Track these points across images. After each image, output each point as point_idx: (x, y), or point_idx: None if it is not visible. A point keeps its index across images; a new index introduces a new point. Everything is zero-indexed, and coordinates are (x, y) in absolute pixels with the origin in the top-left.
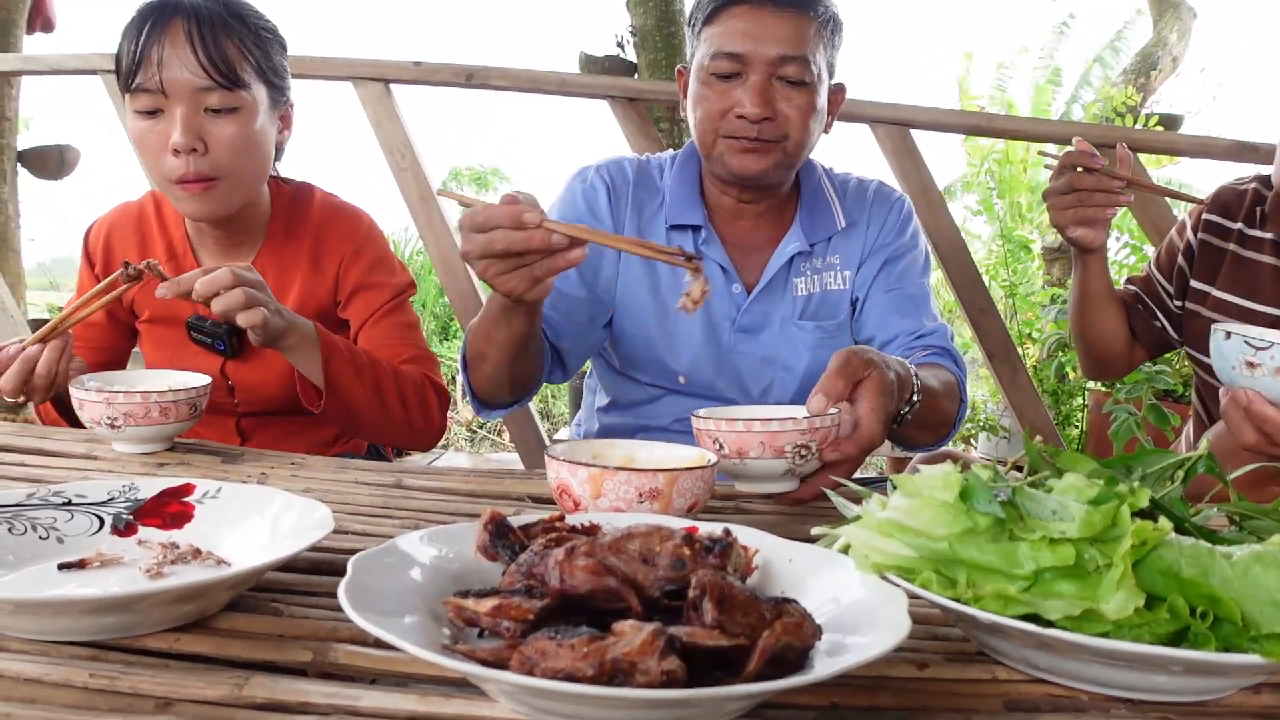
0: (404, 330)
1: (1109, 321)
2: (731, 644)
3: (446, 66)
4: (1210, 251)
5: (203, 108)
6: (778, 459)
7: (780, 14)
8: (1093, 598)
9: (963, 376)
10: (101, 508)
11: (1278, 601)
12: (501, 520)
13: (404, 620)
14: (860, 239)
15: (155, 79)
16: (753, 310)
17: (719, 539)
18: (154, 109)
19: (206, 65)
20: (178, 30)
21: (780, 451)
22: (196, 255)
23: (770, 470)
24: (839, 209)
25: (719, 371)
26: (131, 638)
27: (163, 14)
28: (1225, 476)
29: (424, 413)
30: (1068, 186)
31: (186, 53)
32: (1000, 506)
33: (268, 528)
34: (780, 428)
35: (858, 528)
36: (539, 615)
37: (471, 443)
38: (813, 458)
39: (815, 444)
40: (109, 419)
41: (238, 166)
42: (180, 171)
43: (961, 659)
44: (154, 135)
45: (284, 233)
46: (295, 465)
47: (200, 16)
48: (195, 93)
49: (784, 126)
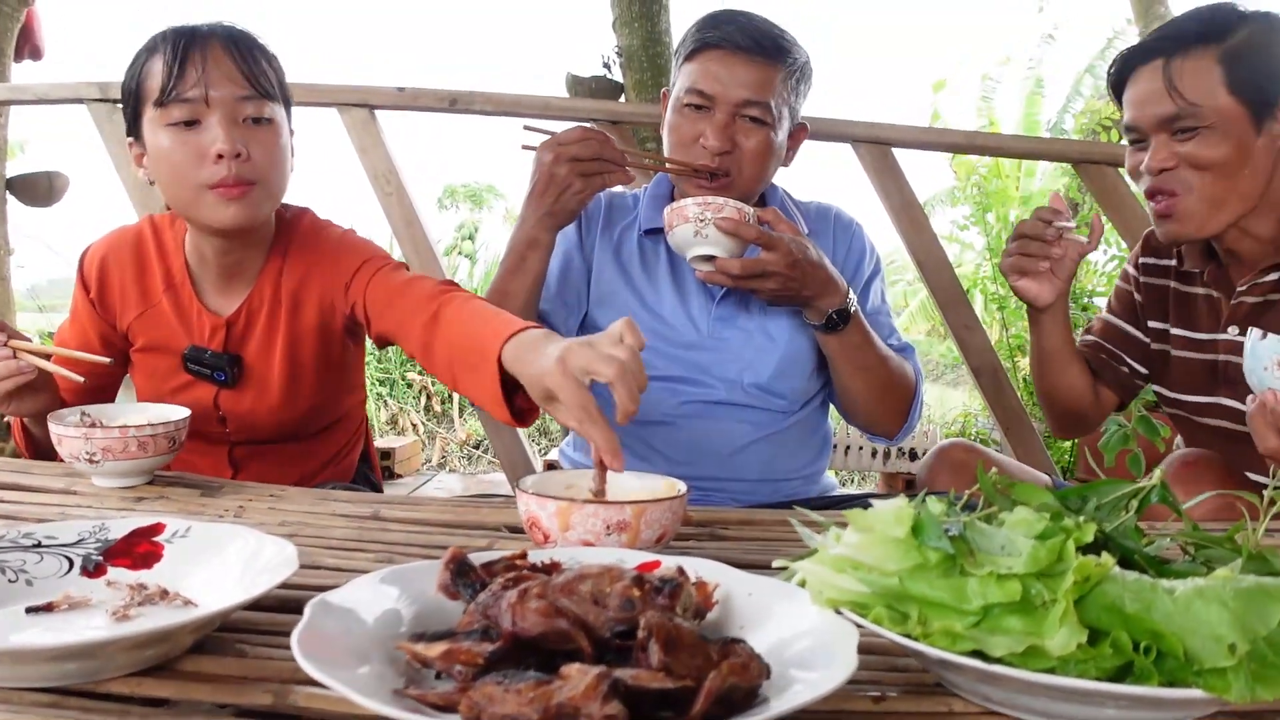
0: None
1: (1072, 379)
2: (677, 686)
3: (430, 92)
4: (1154, 291)
5: (241, 118)
6: (686, 224)
7: (749, 62)
8: (1038, 633)
9: (919, 381)
10: (71, 549)
11: (1219, 637)
12: (462, 559)
13: (357, 665)
14: (828, 252)
15: (197, 89)
16: (729, 299)
17: (669, 579)
18: (191, 119)
19: (247, 75)
20: (215, 45)
21: (686, 218)
22: (195, 283)
23: (686, 234)
24: (800, 220)
25: (700, 357)
26: (94, 683)
27: (196, 33)
28: (1179, 506)
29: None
30: (1014, 235)
31: (228, 63)
32: (950, 542)
33: (237, 567)
34: (683, 204)
35: (813, 562)
36: (489, 659)
37: (469, 461)
38: (710, 224)
39: (710, 215)
40: (87, 454)
41: (273, 175)
42: (221, 175)
43: (919, 691)
44: (190, 145)
45: (281, 257)
46: (274, 498)
47: (234, 35)
48: (236, 102)
49: (739, 159)
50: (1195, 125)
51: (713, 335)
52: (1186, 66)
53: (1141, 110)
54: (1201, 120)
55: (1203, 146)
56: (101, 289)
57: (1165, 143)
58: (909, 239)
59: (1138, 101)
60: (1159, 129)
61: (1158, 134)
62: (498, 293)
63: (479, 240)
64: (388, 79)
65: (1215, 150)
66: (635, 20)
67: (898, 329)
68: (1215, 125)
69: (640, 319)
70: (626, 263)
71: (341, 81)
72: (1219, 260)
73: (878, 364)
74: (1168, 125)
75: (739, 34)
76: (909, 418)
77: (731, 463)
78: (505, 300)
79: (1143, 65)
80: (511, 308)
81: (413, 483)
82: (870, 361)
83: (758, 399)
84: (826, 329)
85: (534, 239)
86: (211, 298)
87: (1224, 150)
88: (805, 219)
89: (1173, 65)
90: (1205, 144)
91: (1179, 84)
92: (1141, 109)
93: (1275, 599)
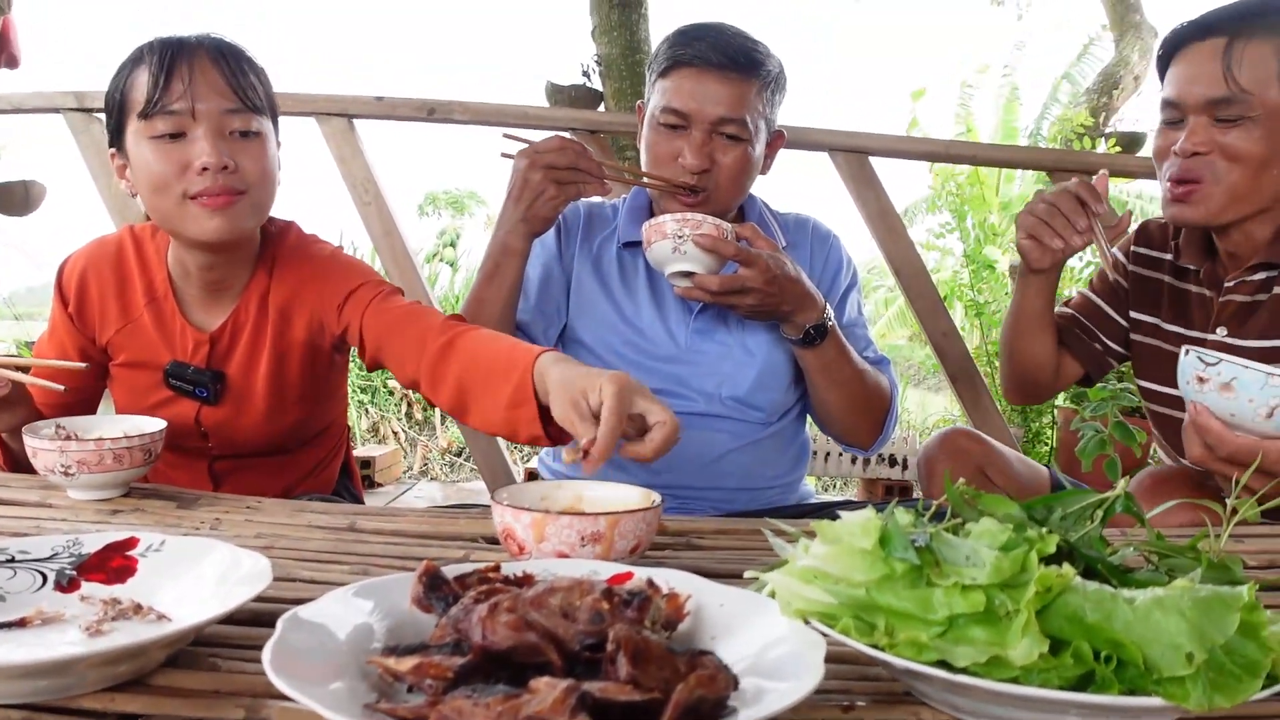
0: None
1: (1040, 346)
2: (645, 698)
3: (409, 101)
4: (1146, 283)
5: (227, 131)
6: (664, 240)
7: (723, 79)
8: (1001, 643)
9: (894, 393)
10: (45, 564)
11: (1178, 645)
12: (436, 573)
13: (329, 680)
14: (805, 264)
15: (183, 101)
16: (707, 312)
17: (638, 592)
18: (177, 132)
19: (235, 87)
20: (203, 57)
21: (664, 235)
22: (179, 296)
23: (664, 250)
24: (778, 232)
25: (678, 370)
26: (66, 699)
27: (183, 45)
28: (1143, 515)
29: None
30: (1051, 199)
31: (215, 76)
32: (916, 553)
33: (211, 580)
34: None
35: (782, 573)
36: (459, 673)
37: (451, 469)
38: (688, 240)
39: (689, 231)
40: (62, 466)
41: (261, 188)
42: (201, 186)
43: (889, 700)
44: (174, 157)
45: (268, 272)
46: (250, 510)
47: (221, 48)
48: (223, 115)
49: (717, 176)
50: (1241, 115)
51: (691, 348)
52: (1249, 51)
53: (1188, 88)
54: (1249, 110)
55: (1243, 138)
56: (80, 303)
57: (1205, 126)
58: (886, 247)
59: (1186, 78)
60: (1202, 111)
61: (1199, 115)
62: (474, 300)
63: (460, 247)
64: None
65: (1255, 144)
66: (614, 29)
67: (874, 340)
68: (1260, 119)
69: (618, 331)
70: (605, 275)
71: (320, 90)
72: (1216, 258)
73: (854, 378)
74: (1212, 109)
75: (712, 51)
76: (884, 429)
77: (710, 472)
78: (481, 307)
79: (1199, 42)
80: (488, 314)
81: (393, 491)
82: (846, 375)
83: (736, 411)
84: (803, 344)
85: (509, 246)
86: (195, 312)
87: (1263, 146)
88: (783, 230)
89: (1235, 47)
90: (1246, 136)
91: (1236, 68)
92: (1189, 86)
93: (1232, 608)
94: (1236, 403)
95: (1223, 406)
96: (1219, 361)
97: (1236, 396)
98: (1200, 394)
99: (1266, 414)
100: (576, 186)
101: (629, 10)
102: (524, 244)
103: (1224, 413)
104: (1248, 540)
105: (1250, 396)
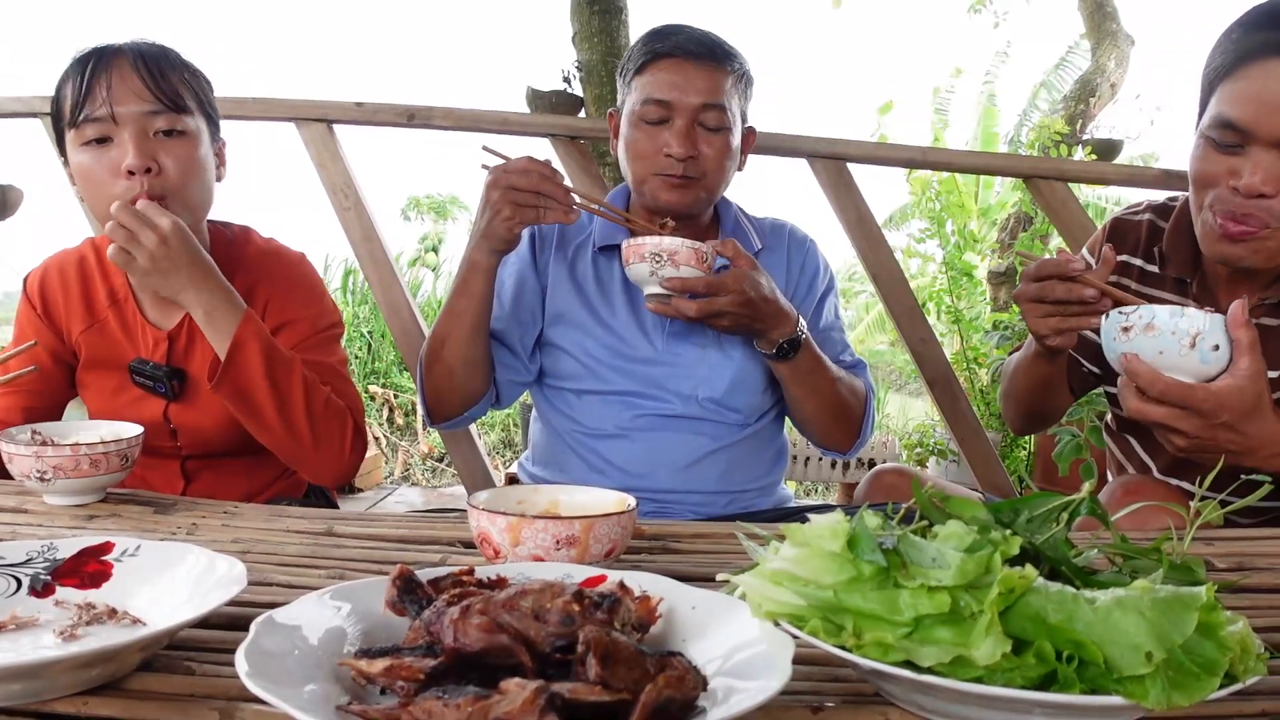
0: (328, 370)
1: (1061, 400)
2: (614, 699)
3: (388, 107)
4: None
5: (152, 132)
6: (642, 263)
7: (701, 67)
8: (965, 644)
9: (870, 397)
10: (19, 569)
11: (1137, 645)
12: (410, 576)
13: (302, 682)
14: (782, 268)
15: (105, 107)
16: None
17: (608, 595)
18: (103, 137)
19: (154, 90)
20: (123, 62)
21: (642, 257)
22: (139, 300)
23: (642, 272)
24: (754, 235)
25: (655, 372)
26: (40, 703)
27: (104, 53)
28: (1107, 518)
29: (336, 441)
30: (1039, 295)
31: (134, 80)
32: (883, 555)
33: (186, 585)
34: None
35: (753, 576)
36: (430, 674)
37: (433, 474)
38: (666, 263)
39: (665, 255)
40: (39, 472)
41: (187, 188)
42: (133, 193)
43: (857, 701)
44: (103, 164)
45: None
46: (227, 515)
47: (142, 51)
48: (144, 116)
49: (704, 165)
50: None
51: (667, 350)
52: None
53: (1264, 112)
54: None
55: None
56: (46, 305)
57: (1275, 159)
58: (865, 254)
59: (1260, 99)
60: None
61: (1270, 150)
62: (447, 312)
63: (443, 253)
64: (346, 91)
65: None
66: (595, 35)
67: (851, 345)
68: None
69: (595, 335)
70: (581, 280)
71: (299, 95)
72: (1203, 272)
73: (829, 386)
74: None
75: (689, 42)
76: (861, 433)
77: (688, 475)
78: (454, 319)
79: (1275, 58)
80: (461, 325)
81: (373, 496)
82: (821, 385)
83: (713, 413)
84: (776, 357)
85: (474, 261)
86: (153, 312)
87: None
88: (759, 235)
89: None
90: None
91: None
92: (1263, 110)
93: (1191, 608)
94: (1161, 338)
95: (1151, 347)
96: (1136, 308)
97: (1159, 333)
98: (1129, 344)
99: (1190, 343)
100: (536, 211)
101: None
102: (488, 260)
103: (1153, 354)
104: (1217, 543)
105: (1172, 329)
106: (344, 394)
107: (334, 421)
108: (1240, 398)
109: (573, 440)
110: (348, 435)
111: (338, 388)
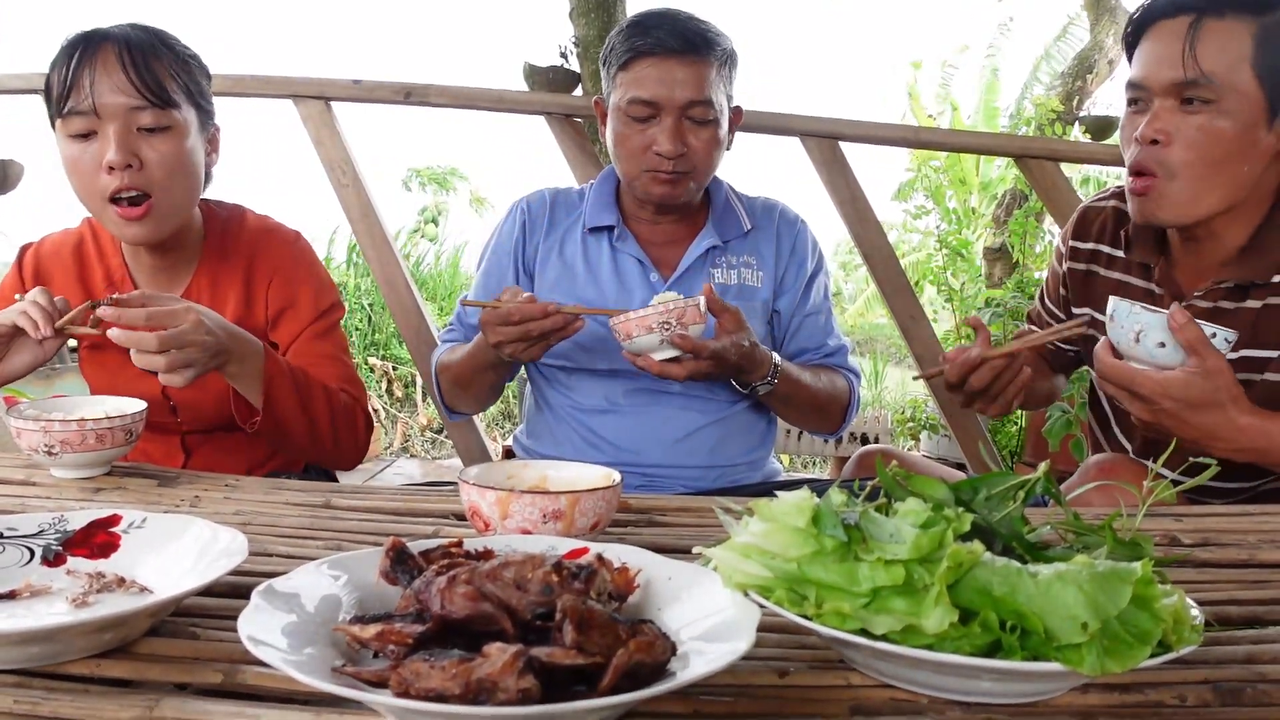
0: (330, 358)
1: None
2: (588, 662)
3: (385, 84)
4: (1081, 277)
5: (135, 127)
6: (651, 334)
7: (685, 62)
8: (917, 613)
9: (855, 383)
10: (32, 539)
11: (1074, 616)
12: (402, 548)
13: (300, 646)
14: (772, 248)
15: (88, 101)
16: (671, 290)
17: (585, 566)
18: (87, 131)
19: (138, 85)
20: (108, 54)
21: (650, 328)
22: (134, 281)
23: (651, 342)
24: (744, 215)
25: None
26: (56, 665)
27: (91, 41)
28: (1061, 496)
29: (352, 437)
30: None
31: (118, 74)
32: (845, 530)
33: (190, 555)
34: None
35: (724, 549)
36: (418, 639)
37: (432, 445)
38: (675, 327)
39: (674, 320)
40: (46, 446)
41: (171, 184)
42: (114, 186)
43: (822, 667)
44: (87, 157)
45: (218, 256)
46: (229, 487)
47: (129, 41)
48: (128, 112)
49: (693, 159)
50: (1206, 98)
51: None
52: (1215, 31)
53: (1152, 70)
54: (1214, 95)
55: (1207, 124)
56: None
57: (1169, 111)
58: (856, 232)
59: (1150, 59)
60: (1166, 94)
61: (1164, 99)
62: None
63: (442, 224)
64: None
65: (1218, 132)
66: (592, 10)
67: (837, 327)
68: (1226, 104)
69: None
70: (570, 259)
71: (297, 72)
72: (1168, 255)
73: (808, 401)
74: (1177, 91)
75: (670, 37)
76: (846, 420)
77: (678, 449)
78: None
79: (1167, 20)
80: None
81: (372, 468)
82: (801, 400)
83: (703, 389)
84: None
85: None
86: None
87: (1228, 135)
88: (750, 214)
89: (1200, 26)
90: (1209, 123)
91: (1200, 49)
92: (1152, 68)
93: (1126, 582)
94: (1115, 330)
95: (1113, 336)
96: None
97: (1116, 325)
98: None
99: (1134, 338)
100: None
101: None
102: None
103: (1116, 341)
104: (1186, 519)
105: (1122, 324)
106: (349, 382)
107: (349, 421)
108: (1185, 390)
109: (565, 415)
110: (359, 427)
111: (342, 374)
